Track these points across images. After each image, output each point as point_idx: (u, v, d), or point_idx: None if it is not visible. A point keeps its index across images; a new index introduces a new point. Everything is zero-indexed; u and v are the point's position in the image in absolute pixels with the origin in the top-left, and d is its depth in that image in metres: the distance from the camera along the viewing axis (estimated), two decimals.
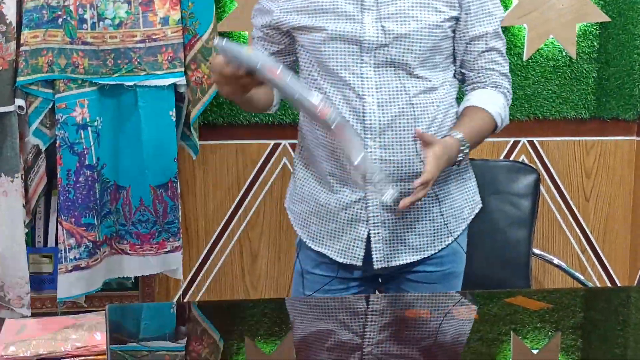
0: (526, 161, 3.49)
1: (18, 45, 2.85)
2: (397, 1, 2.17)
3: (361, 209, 2.22)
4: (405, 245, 2.24)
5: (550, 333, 1.91)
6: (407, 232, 2.24)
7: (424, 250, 2.26)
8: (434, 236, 2.26)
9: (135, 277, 3.14)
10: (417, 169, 2.17)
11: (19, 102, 2.87)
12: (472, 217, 2.33)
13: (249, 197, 3.37)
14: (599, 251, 3.63)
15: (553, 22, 3.41)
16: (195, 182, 3.34)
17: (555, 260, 3.17)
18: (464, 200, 2.31)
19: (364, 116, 2.16)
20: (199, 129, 3.16)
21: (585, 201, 3.60)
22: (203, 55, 2.99)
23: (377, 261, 2.23)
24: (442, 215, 2.26)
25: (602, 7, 3.44)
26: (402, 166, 2.17)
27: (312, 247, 2.32)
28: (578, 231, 3.60)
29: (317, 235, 2.32)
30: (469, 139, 2.15)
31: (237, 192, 3.37)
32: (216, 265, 3.40)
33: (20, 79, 2.84)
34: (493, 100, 2.25)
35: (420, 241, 2.25)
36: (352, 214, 2.24)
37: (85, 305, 3.04)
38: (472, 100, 2.26)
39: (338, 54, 2.18)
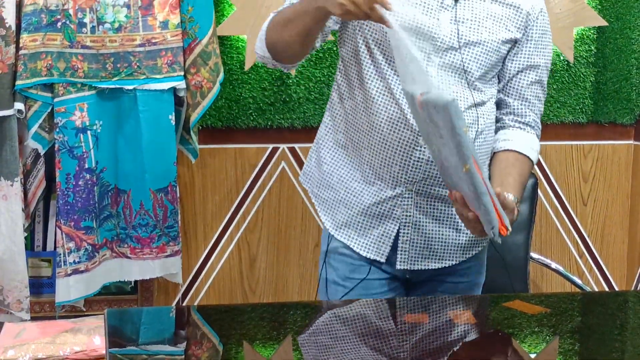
0: None
1: (17, 49, 2.85)
2: (473, 7, 2.15)
3: (395, 206, 2.19)
4: (430, 251, 2.22)
5: (548, 337, 1.92)
6: (435, 238, 2.21)
7: (447, 260, 2.23)
8: (460, 247, 2.24)
9: (135, 281, 3.15)
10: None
11: (18, 105, 2.87)
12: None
13: (247, 201, 3.37)
14: (597, 255, 3.63)
15: (551, 26, 3.40)
16: (194, 186, 3.34)
17: (553, 265, 3.18)
18: None
19: None
20: (198, 133, 3.16)
21: (583, 205, 3.60)
22: (203, 59, 3.00)
23: (400, 261, 2.21)
24: (465, 231, 2.22)
25: (599, 12, 3.45)
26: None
27: (337, 236, 2.26)
28: (576, 235, 3.61)
29: (343, 226, 2.25)
30: (520, 200, 2.13)
31: (235, 196, 3.38)
32: (215, 269, 3.40)
33: (19, 82, 2.85)
34: (533, 146, 2.25)
35: (445, 250, 2.22)
36: (385, 210, 2.20)
37: (84, 309, 3.04)
38: (518, 145, 2.22)
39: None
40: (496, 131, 2.27)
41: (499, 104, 2.28)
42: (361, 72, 2.18)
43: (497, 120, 2.28)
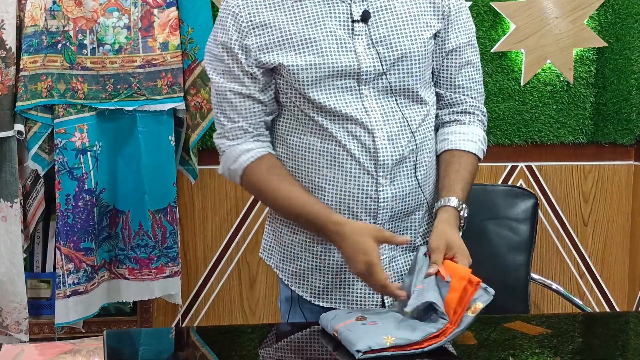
0: (524, 186, 3.50)
1: (17, 70, 2.86)
2: (386, 21, 2.02)
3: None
4: None
5: (549, 358, 1.91)
6: None
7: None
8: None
9: (134, 302, 3.14)
10: (420, 200, 2.07)
11: (18, 127, 2.88)
12: None
13: (247, 222, 3.37)
14: (598, 276, 3.62)
15: (550, 47, 3.43)
16: (194, 206, 3.34)
17: (554, 286, 3.16)
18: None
19: (376, 152, 1.99)
20: (197, 154, 3.16)
21: (584, 226, 3.60)
22: (202, 80, 3.00)
23: (390, 305, 2.07)
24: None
25: (599, 33, 3.46)
26: (409, 200, 2.05)
27: (318, 303, 2.10)
28: (576, 256, 3.60)
29: (323, 291, 2.10)
30: (464, 198, 2.02)
31: (235, 216, 3.37)
32: (215, 290, 3.39)
33: (19, 104, 2.85)
34: (474, 138, 2.11)
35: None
36: None
37: (83, 331, 3.03)
38: (452, 142, 2.11)
39: (335, 91, 1.99)
40: (436, 130, 2.15)
41: (438, 98, 2.17)
42: (302, 131, 2.04)
43: (435, 117, 2.15)
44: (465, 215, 2.01)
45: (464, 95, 2.14)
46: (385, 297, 2.08)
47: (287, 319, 2.17)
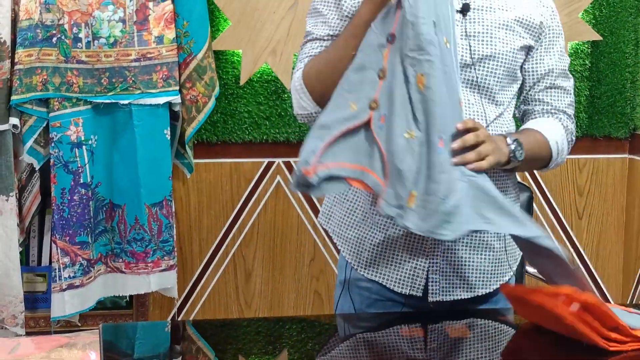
0: (519, 179, 3.50)
1: (12, 64, 2.85)
2: (483, 19, 2.05)
3: (423, 238, 2.04)
4: (462, 280, 2.09)
5: (544, 349, 1.91)
6: (467, 265, 2.09)
7: (480, 288, 2.11)
8: (493, 273, 2.13)
9: (130, 296, 3.14)
10: None
11: (14, 120, 2.87)
12: (520, 255, 2.20)
13: (243, 216, 3.37)
14: (592, 269, 3.63)
15: None
16: (189, 200, 3.34)
17: None
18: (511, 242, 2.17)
19: None
20: (193, 148, 3.17)
21: (578, 219, 3.61)
22: (198, 73, 3.00)
23: (432, 293, 2.08)
24: (505, 249, 2.13)
25: (593, 26, 3.47)
26: None
27: (366, 275, 2.11)
28: (571, 249, 3.61)
29: (372, 263, 2.11)
30: (522, 143, 2.01)
31: (231, 210, 3.38)
32: (210, 284, 3.40)
33: (14, 97, 2.85)
34: (551, 128, 2.12)
35: (477, 277, 2.10)
36: (415, 242, 2.07)
37: (79, 324, 3.03)
38: (528, 124, 2.14)
39: None
40: None
41: (523, 115, 2.21)
42: None
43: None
44: (516, 145, 1.97)
45: (551, 113, 2.17)
46: (429, 280, 2.08)
47: (337, 304, 2.19)
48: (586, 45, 3.49)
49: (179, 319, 3.39)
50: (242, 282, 3.41)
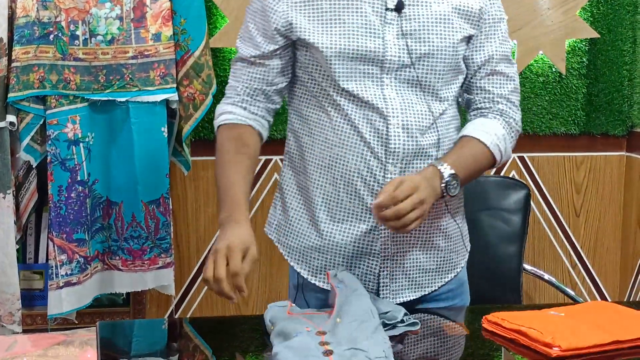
0: (516, 177, 3.50)
1: (9, 61, 2.85)
2: (419, 16, 2.02)
3: (372, 241, 2.06)
4: (410, 281, 2.11)
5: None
6: (414, 266, 2.10)
7: (427, 287, 2.13)
8: (439, 271, 2.14)
9: (127, 294, 3.14)
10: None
11: (10, 118, 2.87)
12: (468, 251, 2.23)
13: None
14: (589, 266, 3.63)
15: (543, 38, 3.43)
16: (186, 198, 3.34)
17: (546, 276, 3.18)
18: (466, 229, 2.22)
19: (388, 139, 2.00)
20: (190, 145, 3.16)
21: (576, 216, 3.61)
22: (195, 71, 3.00)
23: (382, 297, 2.09)
24: (450, 248, 2.15)
25: (591, 24, 3.47)
26: None
27: (318, 284, 2.12)
28: (568, 246, 3.61)
29: (320, 270, 2.12)
30: (451, 163, 2.00)
31: None
32: None
33: (11, 95, 2.84)
34: (490, 130, 2.09)
35: (424, 277, 2.12)
36: (363, 246, 2.07)
37: (76, 322, 3.03)
38: (467, 129, 2.10)
39: (356, 74, 2.01)
40: None
41: (467, 104, 2.18)
42: (318, 106, 2.08)
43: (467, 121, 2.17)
44: (450, 178, 1.98)
45: (493, 101, 2.13)
46: (380, 284, 2.09)
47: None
48: (584, 43, 3.49)
49: (176, 316, 3.38)
50: None
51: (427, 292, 2.13)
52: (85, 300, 2.97)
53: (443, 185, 1.98)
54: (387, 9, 2.02)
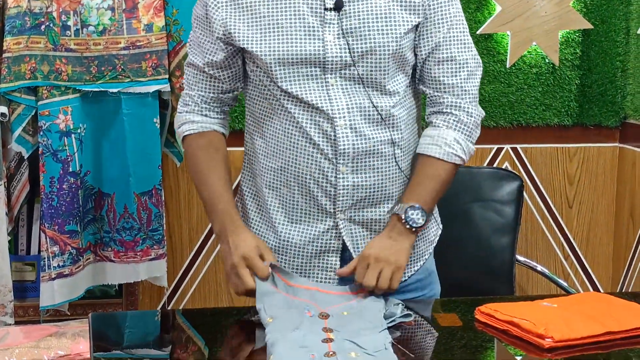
0: (509, 168, 3.50)
1: (0, 52, 2.84)
2: (359, 13, 2.00)
3: (331, 239, 2.07)
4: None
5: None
6: None
7: None
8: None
9: (119, 285, 3.13)
10: (390, 192, 2.06)
11: (2, 109, 2.86)
12: (437, 239, 2.23)
13: None
14: (582, 258, 3.64)
15: (536, 30, 3.43)
16: (179, 189, 3.34)
17: (539, 267, 3.18)
18: (432, 222, 2.20)
19: (336, 140, 2.00)
20: None
21: (569, 208, 3.61)
22: None
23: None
24: (417, 237, 2.12)
25: (584, 15, 3.46)
26: (377, 189, 2.05)
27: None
28: (561, 238, 3.61)
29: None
30: (413, 200, 2.03)
31: None
32: (200, 273, 3.39)
33: (2, 86, 2.83)
34: (440, 142, 2.06)
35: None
36: (322, 245, 2.08)
37: (69, 313, 3.03)
38: (420, 146, 2.09)
39: (300, 77, 2.00)
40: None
41: (423, 95, 2.15)
42: (269, 109, 2.07)
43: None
44: (410, 214, 2.02)
45: (444, 92, 2.09)
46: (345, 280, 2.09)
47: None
48: (577, 34, 3.49)
49: (169, 307, 3.38)
50: None
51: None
52: (77, 291, 2.96)
53: (406, 225, 2.03)
54: (325, 9, 2.00)
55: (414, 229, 2.03)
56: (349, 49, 1.99)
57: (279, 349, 1.70)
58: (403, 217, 2.02)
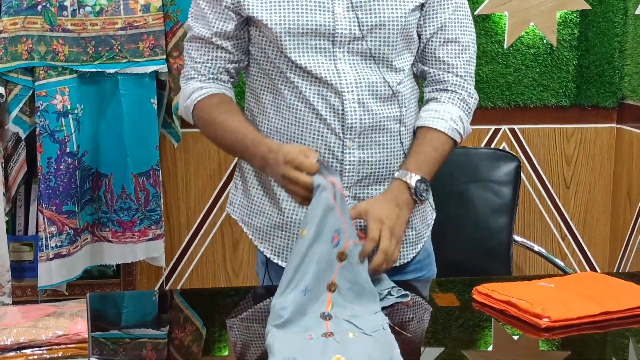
0: (507, 149, 3.50)
1: None
2: None
3: None
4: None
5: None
6: None
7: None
8: (407, 242, 2.13)
9: (117, 265, 3.14)
10: (393, 169, 2.04)
11: None
12: (433, 222, 2.22)
13: (230, 185, 3.36)
14: (579, 238, 3.65)
15: (534, 10, 3.42)
16: (176, 170, 3.33)
17: (536, 247, 3.18)
18: (428, 205, 2.18)
19: (344, 115, 1.98)
20: (180, 117, 3.15)
21: (566, 188, 3.62)
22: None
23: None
24: (414, 221, 2.12)
25: None
26: (382, 166, 2.03)
27: (278, 262, 2.09)
28: (558, 218, 3.62)
29: (284, 250, 2.09)
30: (416, 170, 1.99)
31: (218, 180, 3.37)
32: (198, 253, 3.40)
33: None
34: (445, 116, 2.06)
35: None
36: None
37: (67, 294, 3.03)
38: (422, 118, 2.08)
39: (308, 50, 1.98)
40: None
41: (422, 75, 2.15)
42: (272, 85, 2.05)
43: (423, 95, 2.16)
44: (418, 185, 1.98)
45: (447, 72, 2.10)
46: None
47: (263, 283, 2.17)
48: (575, 15, 3.48)
49: (167, 288, 3.39)
50: (230, 251, 3.41)
51: (397, 265, 2.10)
52: (75, 272, 2.97)
53: (413, 195, 1.99)
54: None
55: (417, 202, 2.01)
56: (358, 22, 1.98)
57: (278, 333, 1.71)
58: (413, 188, 1.99)
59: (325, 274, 1.79)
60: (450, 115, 2.08)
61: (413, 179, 1.98)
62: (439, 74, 2.11)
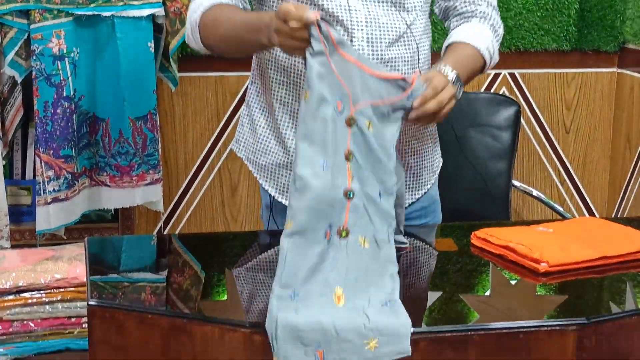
0: (507, 93, 3.49)
1: None
2: None
3: None
4: None
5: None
6: None
7: None
8: (408, 187, 2.11)
9: (115, 210, 3.14)
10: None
11: None
12: (439, 170, 2.21)
13: (228, 129, 3.35)
14: (578, 183, 3.65)
15: None
16: (174, 114, 3.32)
17: (535, 192, 3.18)
18: (435, 152, 2.19)
19: None
20: (178, 61, 3.12)
21: (565, 133, 3.61)
22: None
23: None
24: (418, 165, 2.12)
25: None
26: None
27: (281, 200, 2.09)
28: (558, 163, 3.62)
29: (288, 189, 2.06)
30: (455, 67, 1.89)
31: (216, 124, 3.36)
32: (196, 198, 3.40)
33: None
34: (479, 35, 2.03)
35: None
36: None
37: (65, 238, 3.04)
38: (456, 35, 2.04)
39: None
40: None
41: (446, 12, 2.13)
42: None
43: (446, 33, 2.11)
44: (456, 80, 1.88)
45: (476, 4, 2.08)
46: None
47: (267, 227, 2.17)
48: None
49: (165, 232, 3.39)
50: (228, 195, 3.41)
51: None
52: (73, 216, 2.97)
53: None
54: None
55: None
56: None
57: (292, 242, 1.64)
58: (455, 84, 1.88)
59: (339, 143, 1.69)
60: (482, 34, 2.05)
61: (451, 73, 1.88)
62: (465, 6, 2.09)
